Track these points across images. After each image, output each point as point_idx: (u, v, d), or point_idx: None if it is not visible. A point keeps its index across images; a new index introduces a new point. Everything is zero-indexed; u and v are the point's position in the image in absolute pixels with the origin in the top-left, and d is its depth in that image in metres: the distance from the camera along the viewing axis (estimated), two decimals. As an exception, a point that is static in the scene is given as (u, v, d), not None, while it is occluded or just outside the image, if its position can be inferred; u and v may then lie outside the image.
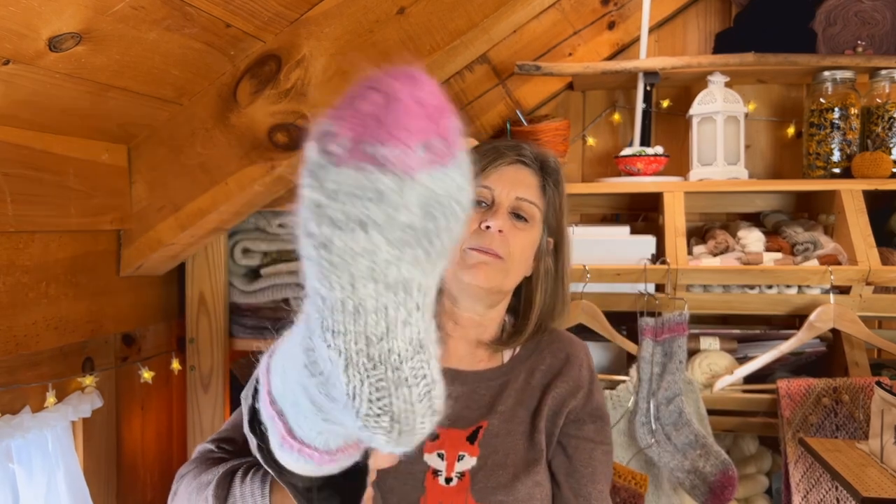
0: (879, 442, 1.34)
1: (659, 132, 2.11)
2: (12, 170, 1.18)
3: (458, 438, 0.98)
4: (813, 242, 1.72)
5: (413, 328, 0.50)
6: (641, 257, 1.77)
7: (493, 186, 1.02)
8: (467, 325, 1.06)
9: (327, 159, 0.46)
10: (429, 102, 0.46)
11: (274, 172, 1.39)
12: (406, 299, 0.49)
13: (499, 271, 1.00)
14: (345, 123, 0.46)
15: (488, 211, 1.01)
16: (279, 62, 1.35)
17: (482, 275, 0.99)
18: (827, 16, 1.90)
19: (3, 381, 1.20)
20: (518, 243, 1.01)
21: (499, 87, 2.10)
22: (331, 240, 0.47)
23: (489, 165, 1.03)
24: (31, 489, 1.25)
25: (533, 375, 1.06)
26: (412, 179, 0.46)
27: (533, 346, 1.09)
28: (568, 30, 2.06)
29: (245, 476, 0.78)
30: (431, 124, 0.46)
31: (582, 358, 1.10)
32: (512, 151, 1.05)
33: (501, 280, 1.01)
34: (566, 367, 1.07)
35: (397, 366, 0.49)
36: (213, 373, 1.67)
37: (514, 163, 1.05)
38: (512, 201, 1.02)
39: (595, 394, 1.08)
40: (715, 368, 1.73)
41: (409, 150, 0.45)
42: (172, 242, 1.47)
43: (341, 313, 0.49)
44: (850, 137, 1.85)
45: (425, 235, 0.48)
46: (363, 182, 0.45)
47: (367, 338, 0.49)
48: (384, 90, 0.47)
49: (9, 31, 0.97)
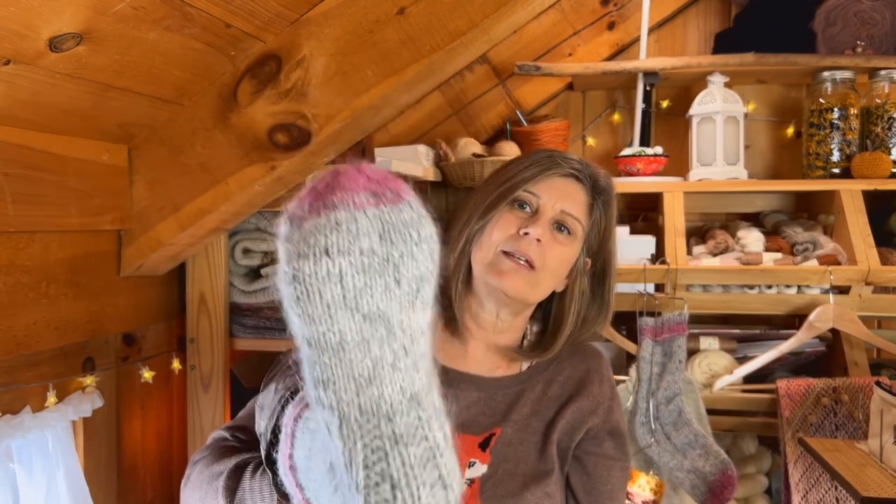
0: (879, 442, 1.34)
1: (658, 132, 2.11)
2: (13, 170, 1.18)
3: (470, 444, 0.97)
4: (812, 242, 1.72)
5: (403, 375, 0.51)
6: (641, 257, 1.77)
7: (541, 195, 1.01)
8: (488, 329, 1.04)
9: (293, 223, 0.52)
10: (372, 172, 0.53)
11: (274, 172, 1.39)
12: (389, 337, 0.51)
13: (528, 282, 0.98)
14: (304, 197, 0.54)
15: (530, 218, 1.00)
16: (279, 62, 1.35)
17: (509, 282, 0.97)
18: (826, 16, 1.90)
19: (4, 381, 1.21)
20: (555, 256, 0.99)
21: (499, 88, 2.10)
22: (300, 269, 0.51)
23: (541, 173, 1.01)
24: (31, 489, 1.25)
25: (550, 386, 1.04)
26: (363, 212, 0.51)
27: (553, 356, 1.07)
28: (568, 30, 2.06)
29: (255, 472, 0.79)
30: (374, 182, 0.53)
31: (603, 373, 1.07)
32: (566, 164, 1.03)
33: (529, 291, 0.99)
34: (586, 382, 1.04)
35: (390, 417, 0.49)
36: (214, 372, 1.67)
37: (567, 175, 1.03)
38: (557, 213, 1.00)
39: (615, 410, 1.05)
40: (714, 368, 1.73)
41: (357, 194, 0.52)
42: (173, 242, 1.47)
43: (326, 351, 0.50)
44: (849, 137, 1.85)
45: (389, 262, 0.51)
46: (322, 222, 0.51)
47: (355, 381, 0.50)
48: (332, 171, 0.54)
49: (9, 32, 0.97)
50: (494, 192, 1.02)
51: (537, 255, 0.97)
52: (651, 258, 1.77)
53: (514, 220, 1.00)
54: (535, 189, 1.01)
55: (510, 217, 1.00)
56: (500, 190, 1.01)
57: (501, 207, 1.01)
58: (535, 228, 0.97)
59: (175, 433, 1.75)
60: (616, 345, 1.77)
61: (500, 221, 1.00)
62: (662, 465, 1.61)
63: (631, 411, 1.66)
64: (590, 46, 2.08)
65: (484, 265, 1.00)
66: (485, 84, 2.10)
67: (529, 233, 0.97)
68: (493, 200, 1.01)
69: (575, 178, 1.04)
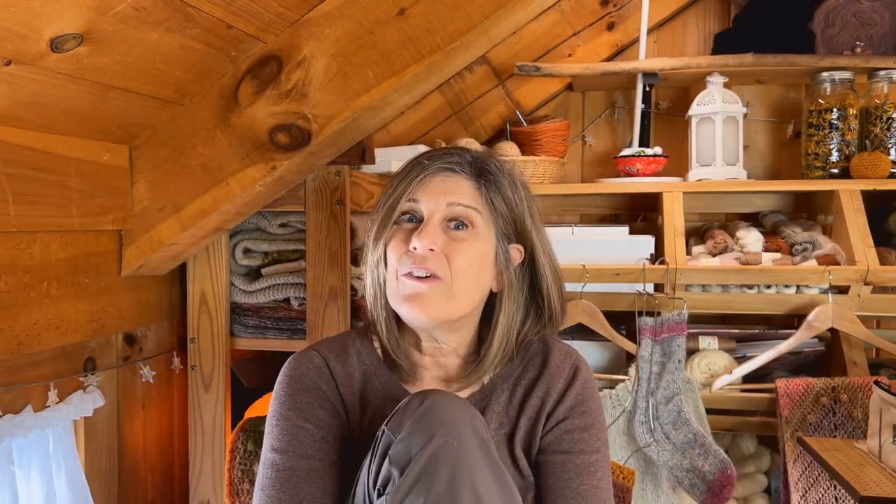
0: (878, 441, 1.34)
1: (658, 133, 2.11)
2: (14, 170, 1.18)
3: None
4: (811, 242, 1.72)
5: None
6: (640, 257, 1.77)
7: (421, 199, 0.91)
8: (436, 354, 0.96)
9: None
10: None
11: (275, 173, 1.39)
12: None
13: (441, 296, 0.88)
14: None
15: (417, 228, 0.90)
16: (280, 63, 1.35)
17: (418, 307, 0.87)
18: (826, 16, 1.91)
19: (5, 380, 1.21)
20: (459, 256, 0.89)
21: (499, 88, 2.11)
22: None
23: (413, 180, 0.91)
24: (32, 488, 1.26)
25: (515, 392, 0.96)
26: None
27: (518, 360, 0.98)
28: (567, 31, 2.07)
29: None
30: None
31: (560, 358, 0.97)
32: (436, 161, 0.93)
33: (446, 306, 0.88)
34: (542, 373, 0.96)
35: None
36: (215, 372, 1.68)
37: (441, 171, 0.92)
38: (443, 209, 0.90)
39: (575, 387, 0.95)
40: (714, 368, 1.73)
41: None
42: (173, 242, 1.47)
43: None
44: (848, 138, 1.85)
45: None
46: None
47: None
48: None
49: (10, 32, 0.97)
50: (379, 217, 0.93)
51: (438, 264, 0.88)
52: (650, 258, 1.78)
53: (403, 235, 0.91)
54: (415, 195, 0.91)
55: (399, 234, 0.91)
56: (382, 212, 0.93)
57: (390, 229, 0.92)
58: (423, 239, 0.87)
59: (176, 433, 1.75)
60: (615, 344, 1.77)
61: (391, 243, 0.91)
62: (662, 465, 1.62)
63: (630, 411, 1.67)
64: (589, 47, 2.08)
65: (393, 296, 0.91)
66: (485, 84, 2.11)
67: (416, 247, 0.88)
68: (380, 226, 0.93)
69: (450, 171, 0.93)
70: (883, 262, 1.66)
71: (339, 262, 1.60)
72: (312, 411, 0.93)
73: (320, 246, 1.60)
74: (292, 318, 1.66)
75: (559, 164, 2.02)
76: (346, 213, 1.59)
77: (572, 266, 1.71)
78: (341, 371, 0.96)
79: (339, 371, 0.96)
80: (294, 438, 0.91)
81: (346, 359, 0.98)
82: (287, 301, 1.66)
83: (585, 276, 1.71)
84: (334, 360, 0.97)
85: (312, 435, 0.92)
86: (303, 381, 0.95)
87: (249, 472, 1.26)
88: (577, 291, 1.72)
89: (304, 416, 0.92)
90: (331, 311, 1.61)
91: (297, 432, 0.92)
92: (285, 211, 1.63)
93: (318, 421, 0.93)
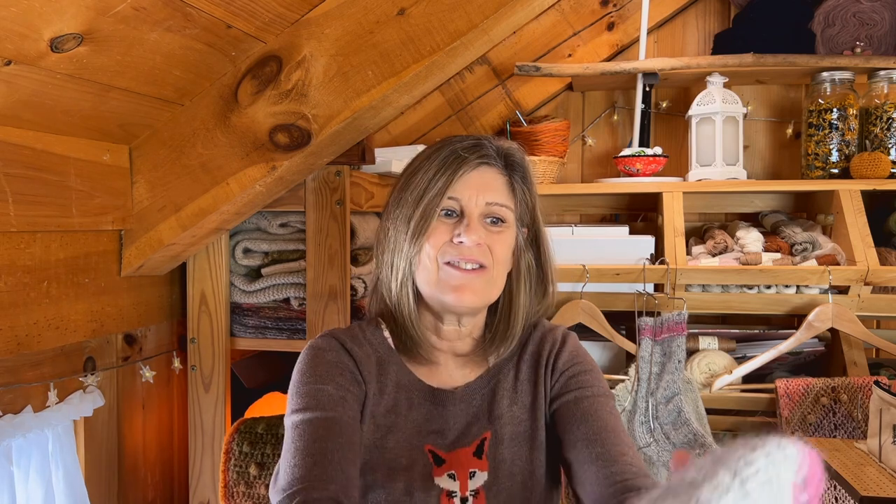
0: (878, 441, 1.34)
1: (658, 133, 2.11)
2: (14, 170, 1.18)
3: (465, 456, 0.96)
4: (811, 242, 1.72)
5: None
6: (640, 257, 1.77)
7: (460, 196, 0.97)
8: (452, 338, 1.03)
9: None
10: None
11: (275, 173, 1.39)
12: None
13: (486, 283, 0.96)
14: None
15: (459, 222, 0.96)
16: (280, 63, 1.35)
17: (468, 296, 0.95)
18: (826, 16, 1.91)
19: (5, 380, 1.21)
20: (499, 248, 0.97)
21: (499, 88, 2.11)
22: None
23: (453, 175, 0.97)
24: (30, 488, 1.26)
25: (520, 369, 1.03)
26: None
27: (518, 343, 1.06)
28: (567, 31, 2.07)
29: None
30: None
31: (549, 329, 1.07)
32: (473, 154, 0.98)
33: (489, 292, 0.97)
34: (542, 345, 1.04)
35: None
36: (215, 372, 1.68)
37: (478, 166, 0.99)
38: (483, 208, 0.97)
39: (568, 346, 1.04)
40: (714, 368, 1.73)
41: None
42: (173, 242, 1.47)
43: None
44: (848, 138, 1.85)
45: None
46: None
47: None
48: None
49: (10, 32, 0.97)
50: (416, 211, 0.97)
51: (483, 255, 0.95)
52: (650, 258, 1.78)
53: (444, 228, 0.96)
54: (453, 193, 0.97)
55: (439, 227, 0.97)
56: (421, 208, 0.97)
57: (429, 221, 0.97)
58: (470, 236, 0.94)
59: (176, 433, 1.75)
60: (615, 344, 1.77)
61: (431, 236, 0.96)
62: (662, 465, 1.62)
63: (630, 411, 1.67)
64: (589, 47, 2.08)
65: (433, 285, 0.96)
66: (485, 84, 2.11)
67: (464, 241, 0.94)
68: (419, 221, 0.97)
69: (486, 165, 0.99)
70: (883, 262, 1.66)
71: (338, 262, 1.60)
72: (332, 378, 0.95)
73: (320, 246, 1.60)
74: (292, 318, 1.66)
75: (559, 163, 2.02)
76: (346, 213, 1.59)
77: (572, 266, 1.71)
78: (359, 352, 1.00)
79: (357, 352, 1.00)
80: (313, 399, 0.92)
81: (360, 344, 1.01)
82: (287, 301, 1.66)
83: (585, 276, 1.71)
84: (351, 343, 1.01)
85: (332, 395, 0.93)
86: (324, 356, 0.98)
87: (244, 475, 1.26)
88: (577, 291, 1.72)
89: (323, 380, 0.94)
90: (331, 311, 1.61)
91: (316, 394, 0.93)
92: (285, 211, 1.63)
93: (338, 385, 0.94)
